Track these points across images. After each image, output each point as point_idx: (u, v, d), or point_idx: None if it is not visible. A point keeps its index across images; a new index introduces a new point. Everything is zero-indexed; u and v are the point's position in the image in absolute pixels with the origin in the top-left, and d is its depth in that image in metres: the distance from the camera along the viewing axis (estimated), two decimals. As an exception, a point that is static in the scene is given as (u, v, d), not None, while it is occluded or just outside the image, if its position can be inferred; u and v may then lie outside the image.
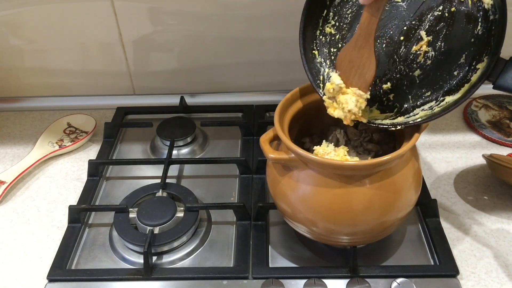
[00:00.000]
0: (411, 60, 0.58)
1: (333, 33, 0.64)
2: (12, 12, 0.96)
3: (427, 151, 0.92)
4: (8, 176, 0.88)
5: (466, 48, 0.54)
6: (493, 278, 0.69)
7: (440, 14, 0.56)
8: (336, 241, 0.67)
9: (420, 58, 0.57)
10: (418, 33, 0.57)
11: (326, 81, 0.62)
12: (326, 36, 0.64)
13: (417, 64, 0.57)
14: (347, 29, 0.64)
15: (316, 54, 0.65)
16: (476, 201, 0.81)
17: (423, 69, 0.57)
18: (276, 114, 0.66)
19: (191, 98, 1.06)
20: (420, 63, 0.57)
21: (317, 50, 0.65)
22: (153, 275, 0.70)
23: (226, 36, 0.99)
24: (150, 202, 0.78)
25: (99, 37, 1.00)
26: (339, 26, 0.64)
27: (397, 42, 0.59)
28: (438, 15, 0.56)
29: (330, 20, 0.64)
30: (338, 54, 0.61)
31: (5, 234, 0.80)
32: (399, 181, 0.63)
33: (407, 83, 0.58)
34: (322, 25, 0.65)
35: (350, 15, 0.63)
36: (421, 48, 0.58)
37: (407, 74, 0.58)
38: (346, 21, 0.63)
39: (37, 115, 1.07)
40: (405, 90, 0.59)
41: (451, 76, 0.56)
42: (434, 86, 0.58)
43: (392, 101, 0.61)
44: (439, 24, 0.56)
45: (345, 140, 0.75)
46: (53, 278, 0.71)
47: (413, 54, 0.58)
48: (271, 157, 0.63)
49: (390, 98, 0.61)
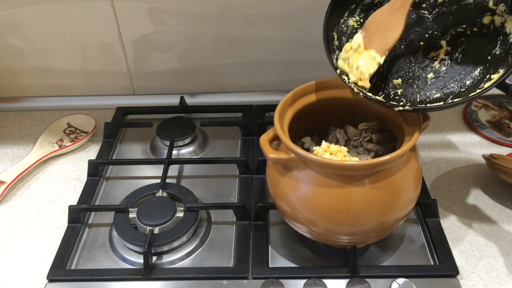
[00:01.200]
0: (427, 64, 0.60)
1: (355, 27, 0.66)
2: (12, 12, 0.96)
3: (427, 151, 0.92)
4: (8, 176, 0.88)
5: (483, 63, 0.57)
6: (493, 278, 0.69)
7: (463, 31, 0.59)
8: (336, 241, 0.67)
9: (436, 64, 0.60)
10: (439, 42, 0.60)
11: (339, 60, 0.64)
12: (348, 27, 0.66)
13: (432, 68, 0.60)
14: None
15: (335, 37, 0.66)
16: (476, 201, 0.81)
17: (437, 73, 0.60)
18: (276, 114, 0.66)
19: (191, 98, 1.06)
20: (435, 68, 0.60)
21: (337, 34, 0.67)
22: (153, 275, 0.70)
23: (226, 36, 0.99)
24: (150, 202, 0.78)
25: (99, 37, 1.00)
26: (362, 24, 0.65)
27: (416, 46, 0.61)
28: (460, 31, 0.59)
29: (355, 15, 0.67)
30: (370, 16, 0.62)
31: (5, 234, 0.80)
32: (399, 181, 0.63)
33: (418, 83, 0.60)
34: (347, 16, 0.67)
35: None
36: (439, 55, 0.60)
37: (420, 75, 0.60)
38: None
39: (37, 115, 1.07)
40: (415, 88, 0.61)
41: (463, 84, 0.59)
42: (444, 90, 0.60)
43: (399, 95, 0.62)
44: (459, 39, 0.59)
45: (345, 140, 0.75)
46: (53, 278, 0.71)
47: (429, 59, 0.61)
48: (271, 157, 0.63)
49: (397, 92, 0.62)
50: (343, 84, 0.66)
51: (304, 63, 1.02)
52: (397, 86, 0.61)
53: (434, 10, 0.62)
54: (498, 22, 0.58)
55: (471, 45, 0.59)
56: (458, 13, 0.61)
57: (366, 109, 0.73)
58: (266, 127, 0.95)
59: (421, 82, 0.60)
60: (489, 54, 0.57)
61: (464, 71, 0.58)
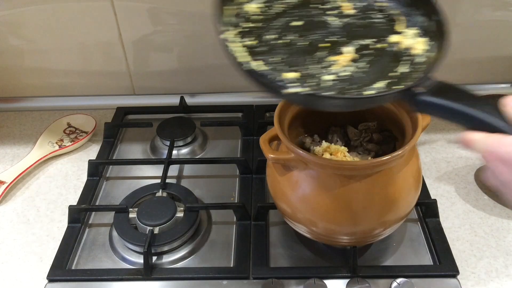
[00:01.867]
0: (326, 66, 0.56)
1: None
2: (12, 12, 0.96)
3: (427, 151, 0.92)
4: (8, 176, 0.88)
5: (383, 78, 0.55)
6: (493, 278, 0.69)
7: (370, 44, 0.58)
8: (336, 241, 0.67)
9: (337, 67, 0.56)
10: (343, 48, 0.58)
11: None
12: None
13: (333, 70, 0.56)
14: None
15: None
16: (476, 201, 0.81)
17: (337, 75, 0.55)
18: (276, 114, 0.66)
19: (191, 98, 1.06)
20: (337, 70, 0.56)
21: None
22: (153, 275, 0.70)
23: (226, 36, 0.99)
24: (150, 202, 0.78)
25: (99, 37, 1.00)
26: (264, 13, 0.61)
27: (318, 46, 0.58)
28: (367, 43, 0.58)
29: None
30: None
31: (5, 234, 0.80)
32: (399, 181, 0.63)
33: (315, 82, 0.55)
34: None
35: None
36: (342, 60, 0.57)
37: (319, 75, 0.55)
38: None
39: (37, 115, 1.07)
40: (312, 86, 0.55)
41: (360, 94, 0.55)
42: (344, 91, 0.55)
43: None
44: (366, 49, 0.58)
45: (345, 140, 0.76)
46: (53, 278, 0.71)
47: (330, 61, 0.57)
48: (271, 157, 0.63)
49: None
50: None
51: (304, 63, 1.02)
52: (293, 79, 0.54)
53: (343, 19, 0.61)
54: (405, 44, 0.58)
55: (378, 59, 0.57)
56: (367, 27, 0.60)
57: (366, 109, 0.73)
58: (266, 127, 0.95)
59: (318, 80, 0.54)
60: (392, 71, 0.55)
61: (365, 82, 0.55)
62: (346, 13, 0.62)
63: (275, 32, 0.58)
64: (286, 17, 0.60)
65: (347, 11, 0.62)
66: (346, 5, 0.63)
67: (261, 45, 0.57)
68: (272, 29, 0.59)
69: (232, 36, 0.57)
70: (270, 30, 0.59)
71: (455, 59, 1.02)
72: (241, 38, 0.58)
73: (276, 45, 0.57)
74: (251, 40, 0.58)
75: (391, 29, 0.60)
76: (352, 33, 0.60)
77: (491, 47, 1.00)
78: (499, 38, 0.98)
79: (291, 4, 0.62)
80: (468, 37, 0.98)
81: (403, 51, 0.58)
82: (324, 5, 0.62)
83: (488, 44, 0.99)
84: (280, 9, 0.62)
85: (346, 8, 0.62)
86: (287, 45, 0.57)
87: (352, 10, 0.62)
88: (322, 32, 0.59)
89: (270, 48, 0.57)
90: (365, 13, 0.62)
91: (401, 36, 0.59)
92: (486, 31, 0.97)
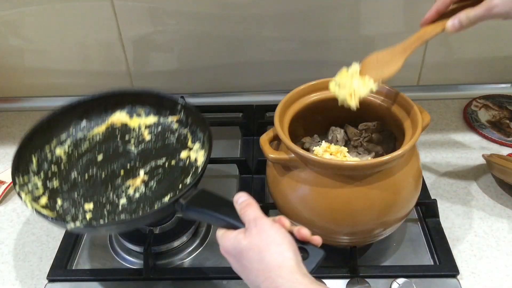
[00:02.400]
0: (122, 191, 0.66)
1: (61, 157, 0.73)
2: (12, 12, 0.96)
3: (427, 151, 0.92)
4: (8, 176, 0.88)
5: (173, 190, 0.65)
6: (493, 278, 0.69)
7: (162, 163, 0.70)
8: (336, 241, 0.67)
9: (131, 190, 0.66)
10: (138, 171, 0.69)
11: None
12: (53, 155, 0.73)
13: (126, 194, 0.66)
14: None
15: (33, 160, 0.71)
16: (476, 201, 0.81)
17: (129, 199, 0.66)
18: (276, 114, 0.66)
19: (191, 98, 1.06)
20: (129, 194, 0.66)
21: (36, 158, 0.72)
22: (153, 275, 0.70)
23: (226, 36, 0.99)
24: (150, 202, 0.78)
25: (99, 37, 1.00)
26: (70, 155, 0.73)
27: (116, 174, 0.68)
28: (160, 164, 0.70)
29: (64, 145, 0.74)
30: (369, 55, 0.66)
31: (5, 234, 0.80)
32: (399, 181, 0.63)
33: (109, 207, 0.65)
34: (56, 145, 0.74)
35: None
36: (135, 184, 0.67)
37: (113, 200, 0.65)
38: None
39: (37, 115, 1.07)
40: (104, 212, 0.64)
41: (152, 208, 0.64)
42: (134, 214, 0.64)
43: (87, 219, 0.64)
44: (158, 170, 0.69)
45: (345, 140, 0.76)
46: (53, 278, 0.71)
47: (126, 186, 0.67)
48: (271, 157, 0.63)
49: (86, 216, 0.65)
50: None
51: (304, 63, 1.02)
52: (87, 210, 0.64)
53: (140, 145, 0.72)
54: (193, 157, 0.70)
55: (167, 175, 0.68)
56: (161, 148, 0.72)
57: (366, 109, 0.73)
58: (266, 127, 0.95)
59: (113, 206, 0.64)
60: (181, 183, 0.66)
61: (156, 197, 0.65)
62: (145, 139, 0.74)
63: (76, 171, 0.69)
64: (89, 155, 0.72)
65: (146, 138, 0.74)
66: (145, 132, 0.74)
67: (64, 184, 0.67)
68: (74, 168, 0.70)
69: (28, 197, 0.65)
70: (73, 169, 0.70)
71: (455, 59, 1.02)
72: (44, 181, 0.68)
73: (78, 181, 0.68)
74: (55, 182, 0.68)
75: (184, 145, 0.72)
76: (146, 156, 0.71)
77: (491, 47, 1.00)
78: (499, 38, 0.98)
79: (94, 141, 0.74)
80: (468, 37, 0.98)
81: (192, 163, 0.70)
82: (125, 137, 0.74)
83: (488, 44, 0.99)
84: (84, 148, 0.73)
85: (144, 135, 0.74)
86: (87, 179, 0.68)
87: (148, 136, 0.74)
88: (121, 161, 0.70)
89: (71, 185, 0.67)
90: (160, 137, 0.74)
91: (189, 151, 0.71)
92: (486, 31, 0.97)
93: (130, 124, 0.76)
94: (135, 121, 0.76)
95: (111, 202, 0.64)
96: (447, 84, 1.05)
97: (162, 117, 0.76)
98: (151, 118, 0.76)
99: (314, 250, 0.52)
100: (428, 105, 1.02)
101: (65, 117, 0.74)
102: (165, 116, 0.76)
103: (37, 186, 0.68)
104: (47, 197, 0.66)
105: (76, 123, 0.75)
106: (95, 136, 0.75)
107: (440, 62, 1.02)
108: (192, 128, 0.74)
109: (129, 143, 0.73)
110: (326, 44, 0.99)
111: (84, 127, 0.75)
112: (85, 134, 0.75)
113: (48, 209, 0.64)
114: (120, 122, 0.76)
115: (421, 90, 1.05)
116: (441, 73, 1.04)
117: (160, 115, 0.76)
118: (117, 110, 0.77)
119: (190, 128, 0.74)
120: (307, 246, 0.52)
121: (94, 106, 0.76)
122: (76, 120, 0.75)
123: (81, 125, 0.75)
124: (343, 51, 0.98)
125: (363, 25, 0.97)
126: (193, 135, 0.73)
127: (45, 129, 0.72)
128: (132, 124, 0.76)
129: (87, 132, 0.75)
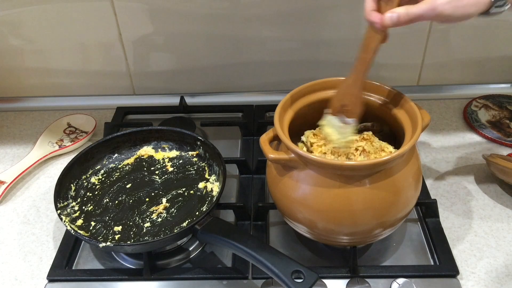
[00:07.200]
0: (147, 215, 0.74)
1: (96, 184, 0.82)
2: (12, 12, 0.96)
3: (427, 151, 0.92)
4: (8, 176, 0.88)
5: (191, 217, 0.73)
6: (493, 278, 0.69)
7: (182, 192, 0.78)
8: (336, 241, 0.67)
9: (154, 216, 0.74)
10: (161, 199, 0.77)
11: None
12: (89, 183, 0.82)
13: (150, 219, 0.74)
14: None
15: (72, 187, 0.80)
16: (476, 201, 0.81)
17: (153, 223, 0.73)
18: (276, 114, 0.66)
19: (191, 98, 1.06)
20: (153, 219, 0.74)
21: (75, 185, 0.80)
22: (153, 275, 0.70)
23: (226, 36, 0.99)
24: (150, 202, 0.79)
25: (99, 37, 1.00)
26: (103, 182, 0.82)
27: (142, 200, 0.77)
28: (180, 192, 0.78)
29: (98, 175, 0.84)
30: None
31: (5, 234, 0.80)
32: (399, 181, 0.63)
33: (135, 230, 0.72)
34: (91, 174, 0.83)
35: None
36: (158, 209, 0.75)
37: (138, 223, 0.73)
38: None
39: (37, 115, 1.07)
40: (131, 234, 0.72)
41: (172, 232, 0.71)
42: (156, 237, 0.71)
43: (116, 240, 0.72)
44: (178, 198, 0.77)
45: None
46: (53, 278, 0.71)
47: (150, 211, 0.75)
48: (271, 157, 0.63)
49: (115, 237, 0.72)
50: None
51: (304, 63, 1.02)
52: (116, 232, 0.72)
53: (164, 176, 0.81)
54: (209, 188, 0.78)
55: (186, 203, 0.76)
56: (182, 179, 0.81)
57: (366, 109, 0.72)
58: (266, 127, 0.95)
59: (138, 229, 0.72)
60: (198, 210, 0.74)
61: (175, 222, 0.73)
62: (168, 171, 0.83)
63: (108, 197, 0.78)
64: (119, 183, 0.80)
65: (169, 169, 0.83)
66: (168, 165, 0.83)
67: (97, 208, 0.76)
68: (106, 194, 0.79)
69: (67, 219, 0.73)
70: (106, 195, 0.78)
71: (455, 59, 1.02)
72: (81, 206, 0.77)
73: (109, 206, 0.76)
74: (89, 206, 0.77)
75: (202, 177, 0.81)
76: (168, 186, 0.80)
77: (491, 47, 1.00)
78: (499, 38, 0.98)
79: (124, 171, 0.83)
80: (468, 37, 0.98)
81: (208, 193, 0.77)
82: (151, 168, 0.83)
83: (488, 44, 0.99)
84: (115, 177, 0.82)
85: (167, 167, 0.83)
86: (117, 205, 0.77)
87: (171, 167, 0.83)
88: (147, 189, 0.79)
89: (103, 210, 0.76)
90: (181, 168, 0.83)
91: (206, 182, 0.79)
92: (486, 31, 0.97)
93: (156, 157, 0.86)
94: (159, 155, 0.86)
95: (137, 225, 0.73)
96: (447, 84, 1.05)
97: (183, 151, 0.86)
98: (174, 152, 0.86)
99: (309, 272, 0.58)
100: (428, 105, 1.02)
101: (99, 150, 0.84)
102: (186, 151, 0.86)
103: (75, 210, 0.76)
104: (82, 219, 0.75)
105: (109, 156, 0.85)
106: (125, 167, 0.84)
107: (440, 62, 1.02)
108: (209, 162, 0.82)
109: (154, 174, 0.82)
110: (326, 44, 0.99)
111: (116, 159, 0.85)
112: (116, 165, 0.84)
113: (84, 230, 0.72)
114: (147, 155, 0.86)
115: (421, 90, 1.05)
116: (441, 73, 1.04)
117: (182, 150, 0.86)
118: (144, 145, 0.87)
119: (207, 162, 0.83)
120: (303, 269, 0.58)
121: (124, 141, 0.86)
122: (109, 153, 0.85)
123: (113, 157, 0.85)
124: (343, 51, 0.98)
125: (363, 25, 0.97)
126: (210, 168, 0.82)
127: (83, 160, 0.82)
128: (157, 157, 0.86)
129: (118, 163, 0.85)
